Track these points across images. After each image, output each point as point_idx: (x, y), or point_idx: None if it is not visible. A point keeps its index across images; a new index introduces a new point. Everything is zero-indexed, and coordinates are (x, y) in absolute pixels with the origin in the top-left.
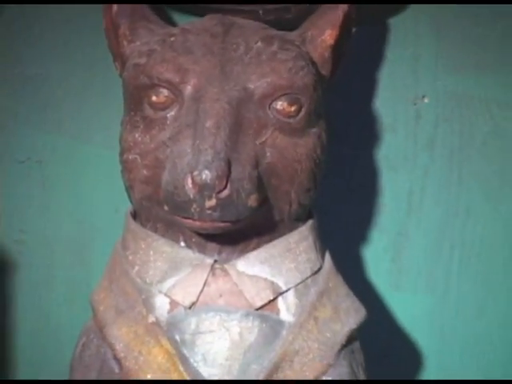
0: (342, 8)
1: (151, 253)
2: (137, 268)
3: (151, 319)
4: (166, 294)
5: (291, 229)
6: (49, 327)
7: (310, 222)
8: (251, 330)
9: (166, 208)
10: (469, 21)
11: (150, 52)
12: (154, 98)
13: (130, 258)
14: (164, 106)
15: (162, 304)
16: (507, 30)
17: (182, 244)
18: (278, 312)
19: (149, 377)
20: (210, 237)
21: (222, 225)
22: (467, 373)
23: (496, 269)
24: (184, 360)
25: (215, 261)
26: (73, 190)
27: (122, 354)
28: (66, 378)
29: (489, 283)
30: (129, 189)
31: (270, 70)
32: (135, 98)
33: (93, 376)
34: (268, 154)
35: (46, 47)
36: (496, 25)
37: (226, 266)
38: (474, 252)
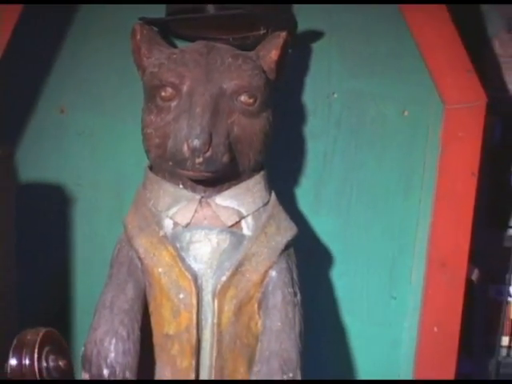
0: (282, 36)
1: (161, 192)
2: (152, 201)
3: (161, 233)
4: (170, 218)
5: (250, 176)
6: (96, 239)
7: (262, 172)
8: (224, 241)
9: (170, 163)
10: (364, 42)
11: (161, 64)
12: (162, 94)
13: (148, 195)
14: (169, 99)
15: (168, 224)
16: (390, 48)
17: (181, 186)
18: (241, 229)
19: (160, 270)
20: (198, 181)
21: (206, 174)
22: (360, 264)
23: (379, 200)
24: (182, 259)
25: (202, 197)
26: (112, 152)
27: (142, 256)
28: (106, 269)
29: (375, 210)
30: (147, 151)
31: (236, 76)
32: (151, 94)
33: (124, 270)
34: (235, 129)
35: (96, 59)
36: (381, 44)
37: (208, 200)
38: (365, 190)
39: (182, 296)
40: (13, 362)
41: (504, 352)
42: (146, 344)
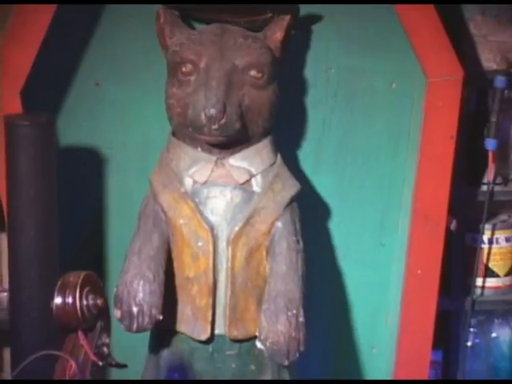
0: (287, 19)
1: (182, 154)
2: (174, 162)
3: (182, 190)
4: (190, 176)
5: (259, 141)
6: (126, 195)
7: (269, 137)
8: (237, 196)
9: (190, 129)
10: (356, 26)
11: (181, 44)
12: (183, 69)
13: (171, 156)
14: (189, 74)
15: (188, 182)
16: (380, 29)
17: (199, 149)
18: (251, 186)
19: (181, 222)
20: (214, 145)
21: (221, 138)
22: (354, 216)
23: (371, 161)
24: (200, 212)
25: (217, 158)
26: (140, 119)
27: (166, 209)
28: (135, 221)
29: (367, 169)
30: (170, 119)
31: (247, 53)
32: (173, 69)
33: (150, 222)
34: (246, 100)
35: (127, 40)
36: (370, 28)
37: (223, 161)
38: (359, 151)
39: (200, 244)
40: (57, 300)
41: (478, 291)
42: (170, 286)
